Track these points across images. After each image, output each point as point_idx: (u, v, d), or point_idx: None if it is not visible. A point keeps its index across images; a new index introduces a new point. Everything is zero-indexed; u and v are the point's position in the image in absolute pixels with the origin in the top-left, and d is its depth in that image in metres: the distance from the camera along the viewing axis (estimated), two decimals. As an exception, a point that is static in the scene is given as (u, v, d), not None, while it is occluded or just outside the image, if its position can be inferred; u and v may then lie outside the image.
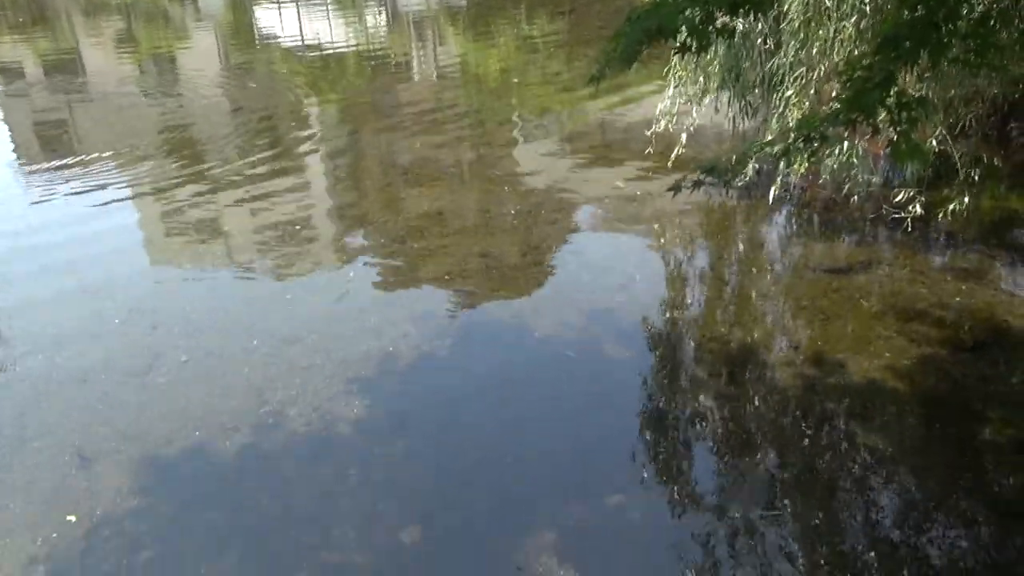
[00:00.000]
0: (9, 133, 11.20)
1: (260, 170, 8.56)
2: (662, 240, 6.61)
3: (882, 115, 3.07)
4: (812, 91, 6.26)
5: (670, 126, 7.09)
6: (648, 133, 7.28)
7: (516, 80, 12.04)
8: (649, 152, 7.44)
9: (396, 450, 4.33)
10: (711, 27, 3.17)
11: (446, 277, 6.01)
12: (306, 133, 10.07)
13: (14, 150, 10.36)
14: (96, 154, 9.18)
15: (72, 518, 3.89)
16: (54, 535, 3.80)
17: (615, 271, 6.08)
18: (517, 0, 19.67)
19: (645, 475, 4.06)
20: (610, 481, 4.00)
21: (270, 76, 13.86)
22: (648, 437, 4.37)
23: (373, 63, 14.39)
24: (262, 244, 6.81)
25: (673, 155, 7.04)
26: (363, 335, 5.29)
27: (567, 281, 5.97)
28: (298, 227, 7.14)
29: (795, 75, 6.26)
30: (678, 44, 3.22)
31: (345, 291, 5.93)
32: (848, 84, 3.20)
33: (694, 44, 3.16)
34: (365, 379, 4.85)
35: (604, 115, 9.87)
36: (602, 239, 6.74)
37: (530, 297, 5.79)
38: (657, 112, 7.19)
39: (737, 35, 6.29)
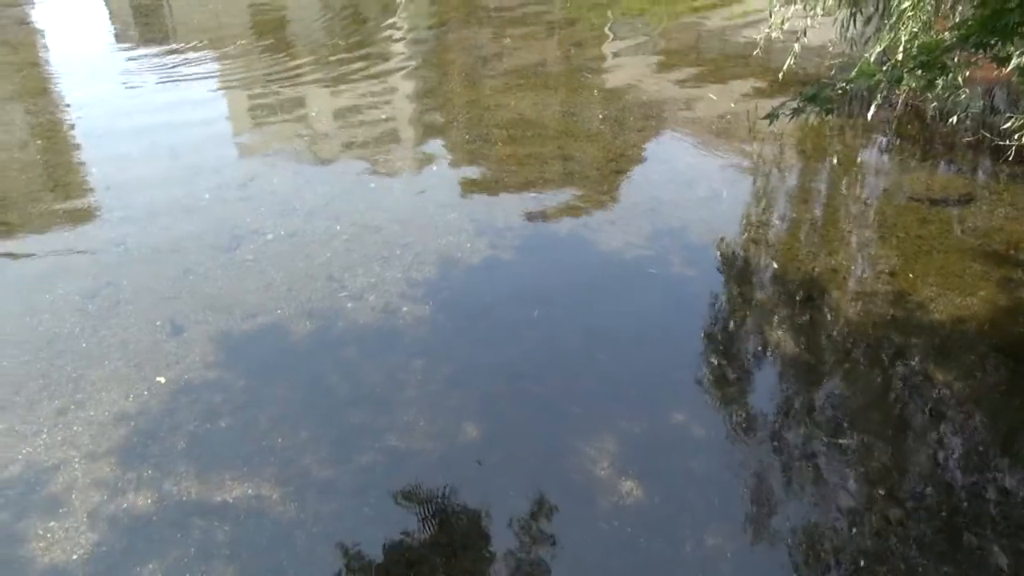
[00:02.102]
0: (109, 16, 11.35)
1: (347, 60, 8.53)
2: (752, 157, 6.40)
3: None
4: (930, 4, 5.83)
5: (777, 37, 6.73)
6: (752, 46, 6.95)
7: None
8: (750, 65, 7.12)
9: (466, 345, 4.40)
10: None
11: (528, 179, 5.96)
12: (394, 23, 9.94)
13: (113, 32, 10.54)
14: (190, 39, 9.27)
15: (161, 379, 4.11)
16: (144, 393, 4.02)
17: (701, 185, 5.92)
18: None
19: (712, 394, 4.04)
20: (676, 397, 4.00)
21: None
22: (719, 357, 4.33)
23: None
24: (346, 133, 6.84)
25: (781, 72, 6.69)
26: (442, 230, 5.33)
27: (650, 192, 5.85)
28: (383, 119, 7.13)
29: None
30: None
31: (427, 185, 5.95)
32: (983, 3, 2.95)
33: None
34: (441, 274, 4.91)
35: (706, 25, 9.45)
36: (690, 152, 6.55)
37: (611, 205, 5.71)
38: (764, 27, 6.83)
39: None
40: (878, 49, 6.00)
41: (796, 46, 6.73)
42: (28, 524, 3.36)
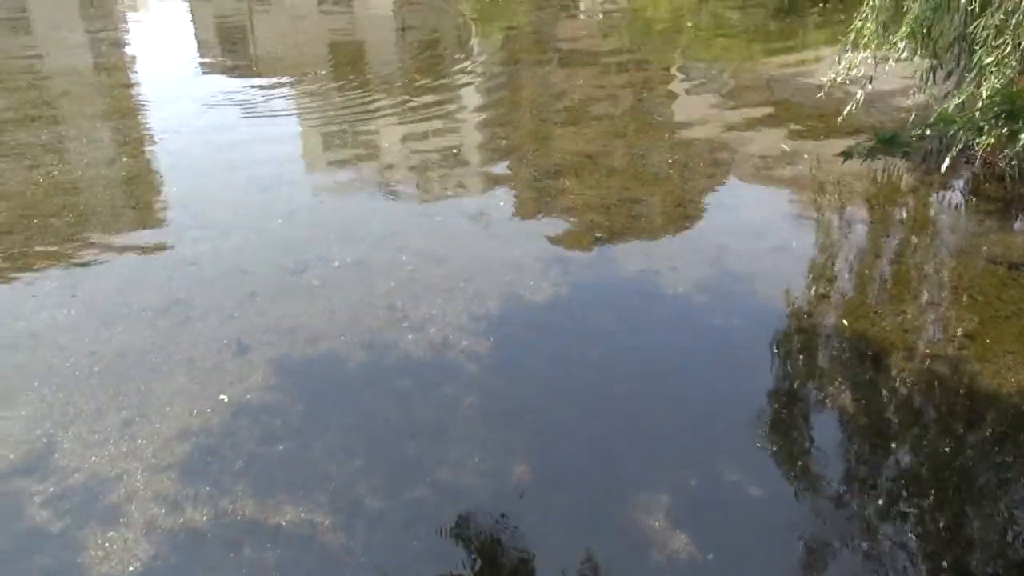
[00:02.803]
0: (196, 42, 11.84)
1: (418, 91, 8.71)
2: (822, 206, 6.30)
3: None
4: (1015, 60, 5.68)
5: (845, 85, 6.65)
6: (820, 93, 6.88)
7: (690, 25, 11.58)
8: (820, 113, 7.05)
9: (522, 384, 4.39)
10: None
11: (592, 220, 5.97)
12: (467, 59, 10.14)
13: (197, 48, 11.00)
14: (272, 67, 9.61)
15: (224, 398, 4.19)
16: (208, 410, 4.11)
17: (769, 235, 5.85)
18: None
19: (769, 452, 3.94)
20: (734, 452, 3.91)
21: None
22: (780, 414, 4.23)
23: (541, -6, 14.21)
24: (415, 165, 6.97)
25: (843, 114, 6.61)
26: (505, 267, 5.36)
27: (716, 239, 5.80)
28: (452, 151, 7.25)
29: (999, 42, 5.69)
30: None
31: (493, 220, 6.00)
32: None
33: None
34: (502, 310, 4.93)
35: (775, 70, 9.41)
36: (759, 199, 6.48)
37: (675, 251, 5.67)
38: (833, 72, 6.77)
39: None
40: (956, 101, 5.88)
41: (859, 96, 6.64)
42: (88, 533, 3.44)
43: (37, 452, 3.84)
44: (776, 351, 4.69)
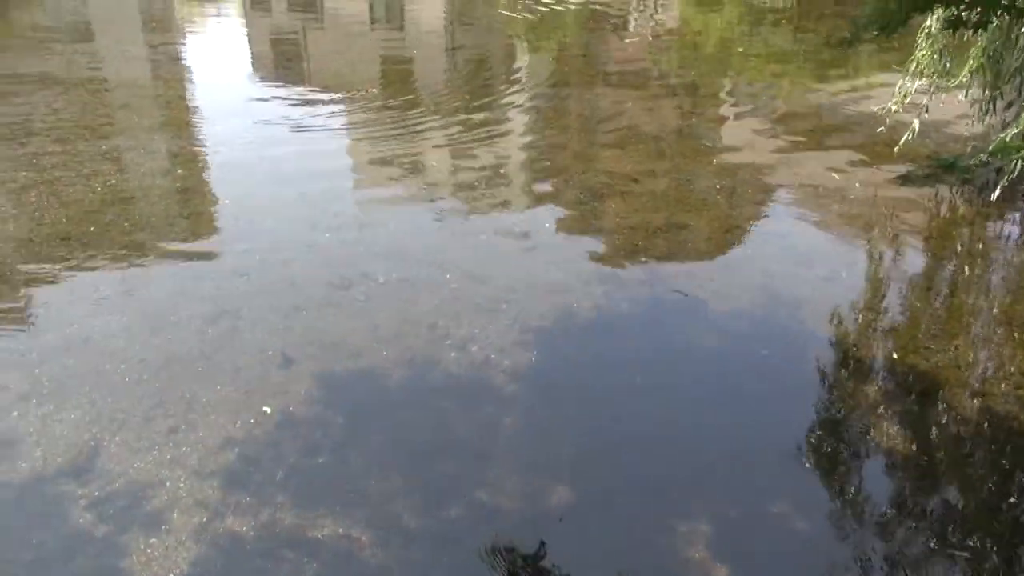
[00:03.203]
0: (251, 58, 12.11)
1: (466, 110, 8.79)
2: (874, 236, 6.18)
3: None
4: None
5: (898, 114, 6.55)
6: (875, 122, 6.79)
7: (740, 50, 11.52)
8: (872, 141, 6.95)
9: (562, 407, 4.37)
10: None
11: (637, 244, 5.94)
12: (515, 79, 10.21)
13: (252, 64, 11.25)
14: (324, 85, 9.77)
15: (267, 409, 4.24)
16: (251, 421, 4.16)
17: (818, 264, 5.76)
18: (750, -35, 18.79)
19: (814, 487, 3.86)
20: (778, 485, 3.84)
21: (490, 19, 14.11)
22: (826, 447, 4.15)
23: (591, 17, 14.25)
24: (461, 185, 7.01)
25: (900, 143, 6.51)
26: (548, 288, 5.36)
27: (763, 267, 5.73)
28: (498, 170, 7.29)
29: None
30: (951, 16, 2.91)
31: (537, 242, 6.01)
32: None
33: (973, 18, 2.83)
34: (544, 332, 4.92)
35: (826, 97, 9.30)
36: (808, 227, 6.38)
37: (721, 278, 5.61)
38: (888, 101, 6.67)
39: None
40: (1016, 131, 5.75)
41: (915, 125, 6.53)
42: (130, 538, 3.49)
43: (85, 455, 3.92)
44: (823, 383, 4.61)
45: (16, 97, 8.69)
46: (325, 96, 9.18)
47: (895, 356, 4.83)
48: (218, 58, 11.33)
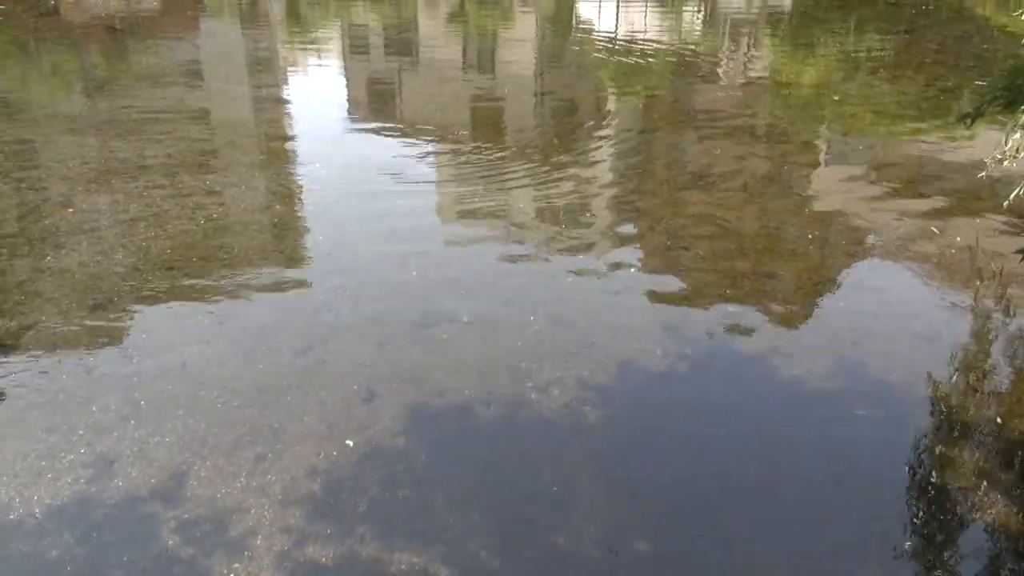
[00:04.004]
0: (347, 90, 12.56)
1: (554, 154, 8.88)
2: (977, 292, 5.91)
3: None
4: None
5: (1006, 166, 6.27)
6: (977, 173, 6.53)
7: (836, 98, 11.31)
8: (974, 193, 6.69)
9: (642, 455, 4.31)
10: None
11: (723, 293, 5.85)
12: (603, 124, 10.27)
13: (348, 105, 11.66)
14: (415, 126, 10.04)
15: (350, 443, 4.32)
16: (334, 453, 4.24)
17: (916, 320, 5.53)
18: (847, 12, 18.50)
19: (907, 559, 3.67)
20: (865, 554, 3.67)
21: (579, 64, 14.29)
22: (921, 516, 3.94)
23: (681, 62, 14.26)
24: (547, 227, 7.06)
25: (1010, 198, 6.21)
26: (632, 334, 5.32)
27: (856, 322, 5.54)
28: (584, 216, 7.31)
29: None
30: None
31: (622, 287, 5.98)
32: None
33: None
34: (626, 378, 4.88)
35: (925, 147, 9.02)
36: (905, 281, 6.16)
37: (810, 331, 5.46)
38: (992, 151, 6.40)
39: None
40: None
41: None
42: (214, 562, 3.59)
43: (177, 478, 4.06)
44: (918, 446, 4.40)
45: (131, 134, 9.24)
46: (417, 138, 9.44)
47: (998, 420, 4.58)
48: (317, 99, 11.80)
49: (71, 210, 7.11)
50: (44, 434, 4.35)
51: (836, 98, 11.28)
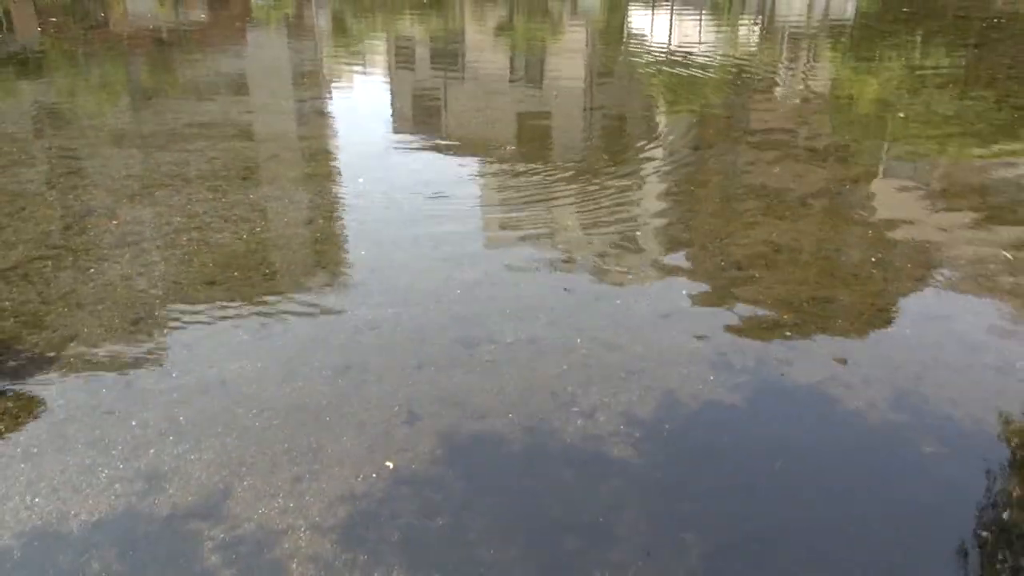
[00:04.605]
0: (392, 113, 12.54)
1: (603, 172, 8.70)
2: (1051, 326, 5.58)
3: None
4: None
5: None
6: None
7: (901, 115, 10.93)
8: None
9: (693, 488, 4.10)
10: None
11: (779, 318, 5.60)
12: (654, 139, 10.06)
13: (393, 119, 11.63)
14: (461, 141, 9.96)
15: (390, 464, 4.19)
16: (373, 476, 4.12)
17: (987, 351, 5.22)
18: (913, 25, 17.97)
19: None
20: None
21: (630, 78, 14.10)
22: (987, 559, 3.66)
23: (736, 76, 13.97)
24: (595, 247, 6.88)
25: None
26: (682, 360, 5.11)
27: (922, 353, 5.25)
28: (633, 236, 7.11)
29: None
30: None
31: (672, 310, 5.77)
32: None
33: None
34: (676, 406, 4.67)
35: (997, 168, 8.63)
36: (975, 310, 5.83)
37: (873, 360, 5.18)
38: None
39: None
40: None
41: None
42: (249, 587, 3.48)
43: (214, 497, 3.97)
44: (988, 485, 4.11)
45: (176, 147, 9.32)
46: (463, 153, 9.35)
47: (1080, 463, 4.27)
48: (361, 112, 11.79)
49: (115, 222, 7.15)
50: (84, 447, 4.31)
51: (901, 115, 10.90)
